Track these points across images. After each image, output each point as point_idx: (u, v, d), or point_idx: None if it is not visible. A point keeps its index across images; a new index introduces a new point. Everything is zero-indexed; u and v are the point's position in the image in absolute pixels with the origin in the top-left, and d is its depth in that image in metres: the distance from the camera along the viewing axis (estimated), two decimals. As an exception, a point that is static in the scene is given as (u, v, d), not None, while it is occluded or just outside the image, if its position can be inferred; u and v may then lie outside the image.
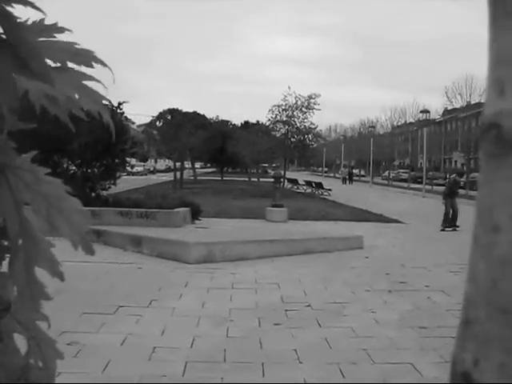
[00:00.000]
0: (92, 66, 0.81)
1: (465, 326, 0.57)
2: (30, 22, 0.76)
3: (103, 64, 0.81)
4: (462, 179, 18.64)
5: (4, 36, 0.70)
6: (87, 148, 16.30)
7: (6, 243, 0.77)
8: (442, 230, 18.02)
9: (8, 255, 0.78)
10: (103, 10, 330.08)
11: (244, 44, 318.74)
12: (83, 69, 0.81)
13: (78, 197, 0.79)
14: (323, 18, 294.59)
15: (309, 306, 8.02)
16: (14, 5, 0.70)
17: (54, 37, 0.79)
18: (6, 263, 0.79)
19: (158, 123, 48.41)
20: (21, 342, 0.84)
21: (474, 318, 0.56)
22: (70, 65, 0.80)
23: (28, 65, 0.72)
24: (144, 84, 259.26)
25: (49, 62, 0.76)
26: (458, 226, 17.88)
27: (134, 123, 45.49)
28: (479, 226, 0.57)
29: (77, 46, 0.80)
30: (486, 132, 0.58)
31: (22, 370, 0.79)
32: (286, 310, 7.74)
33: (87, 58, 0.81)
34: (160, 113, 49.15)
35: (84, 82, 0.82)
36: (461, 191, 22.27)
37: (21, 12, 0.71)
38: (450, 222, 18.19)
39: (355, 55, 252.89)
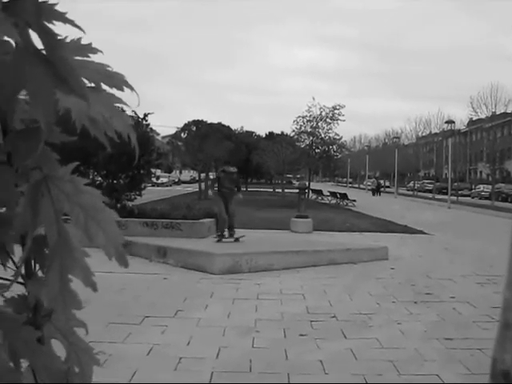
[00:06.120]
0: (123, 90, 0.84)
1: (504, 329, 0.59)
2: (68, 40, 0.80)
3: (132, 89, 0.84)
4: (225, 172, 14.97)
5: (45, 52, 0.73)
6: (111, 160, 16.42)
7: (47, 251, 0.80)
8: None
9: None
10: (123, 23, 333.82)
11: (263, 55, 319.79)
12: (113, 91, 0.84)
13: None
14: (341, 30, 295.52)
15: (334, 316, 8.01)
16: (54, 22, 0.73)
17: (89, 57, 0.82)
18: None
19: (182, 134, 48.65)
20: (57, 347, 0.87)
21: None
22: (103, 86, 0.83)
23: (66, 81, 0.75)
24: (166, 95, 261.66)
25: (85, 81, 0.80)
26: (223, 236, 14.53)
27: (158, 134, 45.70)
28: None
29: (109, 69, 0.84)
30: None
31: (65, 374, 0.82)
32: (312, 321, 7.73)
33: (118, 81, 0.84)
34: (185, 124, 49.47)
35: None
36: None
37: (59, 29, 0.75)
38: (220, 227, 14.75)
39: (375, 66, 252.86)
